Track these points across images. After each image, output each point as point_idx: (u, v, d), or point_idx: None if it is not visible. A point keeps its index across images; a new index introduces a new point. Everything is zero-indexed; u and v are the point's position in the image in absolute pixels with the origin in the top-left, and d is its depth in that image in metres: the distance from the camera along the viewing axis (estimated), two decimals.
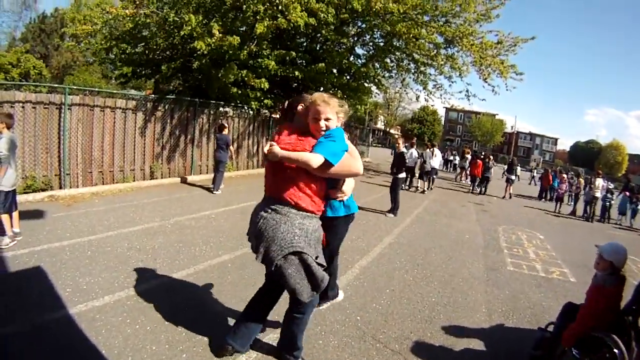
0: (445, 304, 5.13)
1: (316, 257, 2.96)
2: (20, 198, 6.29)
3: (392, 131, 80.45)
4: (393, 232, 8.68)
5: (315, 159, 2.72)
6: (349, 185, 3.29)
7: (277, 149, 2.77)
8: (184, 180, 12.64)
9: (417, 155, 16.48)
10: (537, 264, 7.68)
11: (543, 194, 22.00)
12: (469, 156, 23.98)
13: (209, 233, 7.11)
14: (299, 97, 3.10)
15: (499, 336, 4.46)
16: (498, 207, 15.28)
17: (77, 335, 3.56)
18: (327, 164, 2.77)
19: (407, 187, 16.58)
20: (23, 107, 8.82)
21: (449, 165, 33.23)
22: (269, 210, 2.96)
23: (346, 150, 2.91)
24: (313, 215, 3.00)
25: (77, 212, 7.83)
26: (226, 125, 11.91)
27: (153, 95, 12.84)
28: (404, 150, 11.74)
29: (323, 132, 2.85)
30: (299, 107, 3.03)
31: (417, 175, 17.09)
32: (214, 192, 11.05)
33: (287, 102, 3.21)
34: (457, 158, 29.10)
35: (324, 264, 3.06)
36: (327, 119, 2.84)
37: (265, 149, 2.82)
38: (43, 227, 6.68)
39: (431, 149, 17.35)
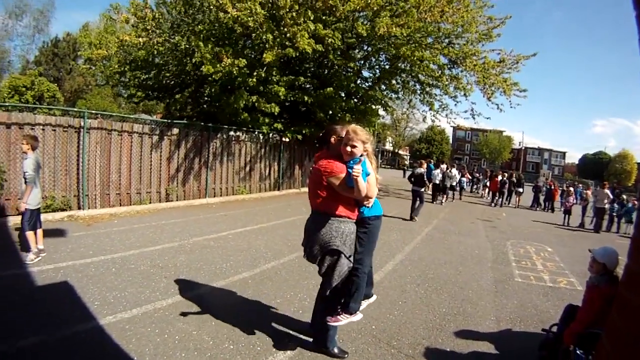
0: (456, 313, 5.32)
1: (349, 256, 3.54)
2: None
3: (400, 152, 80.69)
4: (404, 249, 8.83)
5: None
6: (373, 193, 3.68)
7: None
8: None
9: (440, 175, 19.67)
10: (545, 274, 7.82)
11: (535, 204, 23.75)
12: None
13: (228, 252, 7.35)
14: (330, 128, 3.74)
15: (507, 340, 4.65)
16: (507, 222, 15.34)
17: (109, 344, 3.80)
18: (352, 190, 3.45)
19: (433, 200, 19.38)
20: (43, 129, 9.22)
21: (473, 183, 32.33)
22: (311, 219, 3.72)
23: (368, 175, 3.48)
24: (348, 219, 3.59)
25: (97, 232, 8.12)
26: None
27: (168, 120, 13.16)
28: (422, 170, 13.80)
29: (349, 154, 3.46)
30: (332, 139, 3.67)
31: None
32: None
33: (322, 133, 3.82)
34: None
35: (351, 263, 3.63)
36: (353, 146, 3.44)
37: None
38: (66, 245, 6.99)
39: (450, 169, 21.05)
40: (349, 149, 3.44)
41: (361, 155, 3.48)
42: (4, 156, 8.51)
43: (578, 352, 3.64)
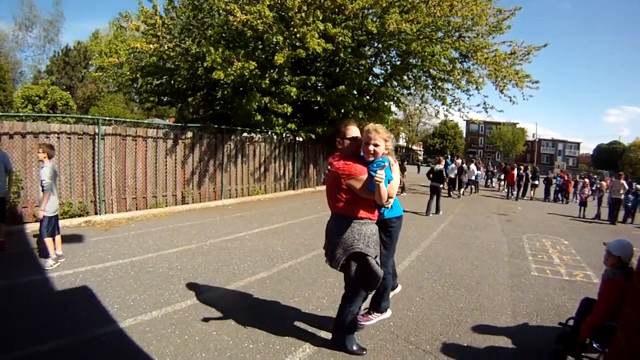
0: (473, 308, 5.33)
1: (375, 257, 3.47)
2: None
3: (414, 147, 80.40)
4: (420, 245, 8.83)
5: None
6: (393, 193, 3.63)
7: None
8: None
9: (455, 169, 20.85)
10: (561, 268, 7.76)
11: (548, 195, 23.89)
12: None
13: (245, 253, 7.41)
14: (335, 130, 3.72)
15: (524, 335, 4.64)
16: (522, 216, 15.24)
17: (129, 346, 3.88)
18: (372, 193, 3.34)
19: (448, 195, 19.95)
20: (58, 137, 9.34)
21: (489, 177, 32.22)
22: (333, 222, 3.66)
23: (390, 180, 3.42)
24: (369, 221, 3.53)
25: (115, 236, 8.23)
26: None
27: (181, 124, 13.26)
28: (441, 167, 14.05)
29: (372, 154, 3.39)
30: (337, 141, 3.64)
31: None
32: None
33: (327, 136, 3.80)
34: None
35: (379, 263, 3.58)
36: (375, 145, 3.39)
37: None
38: (84, 250, 7.09)
39: (468, 165, 22.04)
40: (371, 148, 3.37)
41: (384, 158, 3.38)
42: (20, 165, 8.64)
43: (595, 345, 3.64)
